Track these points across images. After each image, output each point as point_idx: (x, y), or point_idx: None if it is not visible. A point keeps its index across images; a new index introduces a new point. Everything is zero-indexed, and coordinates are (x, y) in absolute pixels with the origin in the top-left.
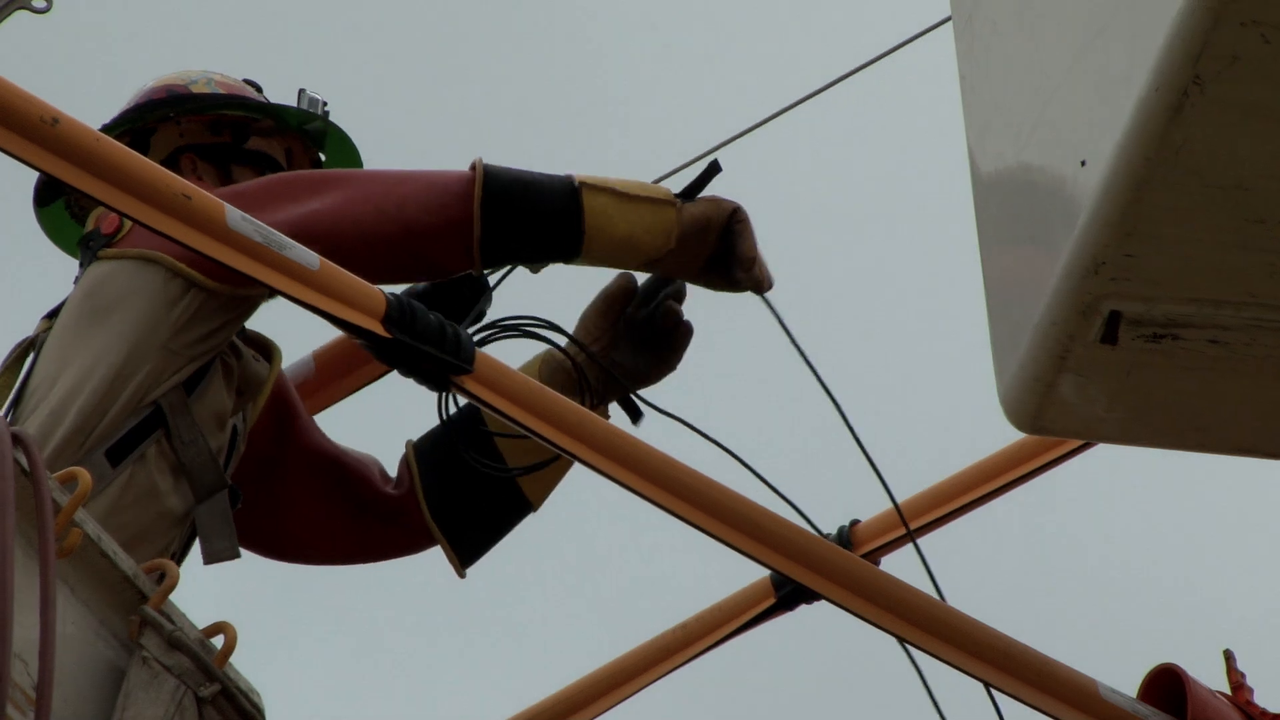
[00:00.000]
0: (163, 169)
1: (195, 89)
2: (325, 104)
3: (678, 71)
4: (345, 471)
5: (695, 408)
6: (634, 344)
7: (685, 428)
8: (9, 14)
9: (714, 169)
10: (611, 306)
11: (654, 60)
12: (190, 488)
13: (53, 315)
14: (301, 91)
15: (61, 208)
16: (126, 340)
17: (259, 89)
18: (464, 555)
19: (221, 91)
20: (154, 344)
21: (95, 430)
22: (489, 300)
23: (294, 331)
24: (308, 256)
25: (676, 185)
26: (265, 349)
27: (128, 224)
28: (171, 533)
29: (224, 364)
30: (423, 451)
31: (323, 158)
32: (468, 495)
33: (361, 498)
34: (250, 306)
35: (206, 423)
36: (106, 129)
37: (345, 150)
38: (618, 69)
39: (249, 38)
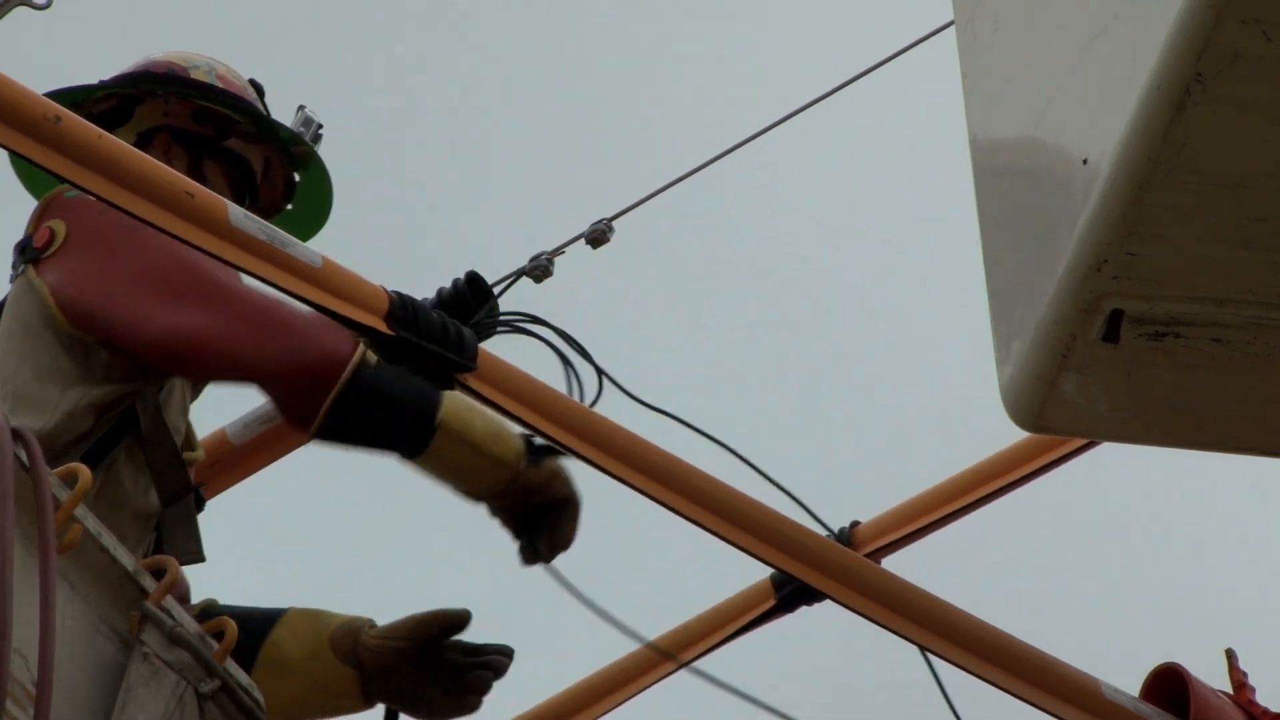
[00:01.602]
0: (164, 166)
1: (194, 74)
2: (320, 125)
3: (681, 79)
4: None
5: (696, 408)
6: (436, 680)
7: (685, 427)
8: (9, 10)
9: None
10: (427, 630)
11: (656, 67)
12: (156, 490)
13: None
14: (300, 108)
15: None
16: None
17: (261, 92)
18: None
19: (219, 85)
20: (60, 372)
21: (60, 441)
22: (496, 307)
23: None
24: (310, 254)
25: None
26: None
27: (57, 241)
28: (141, 535)
29: None
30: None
31: (297, 177)
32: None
33: None
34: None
35: (173, 420)
36: (102, 84)
37: (321, 180)
38: (621, 74)
39: (249, 39)
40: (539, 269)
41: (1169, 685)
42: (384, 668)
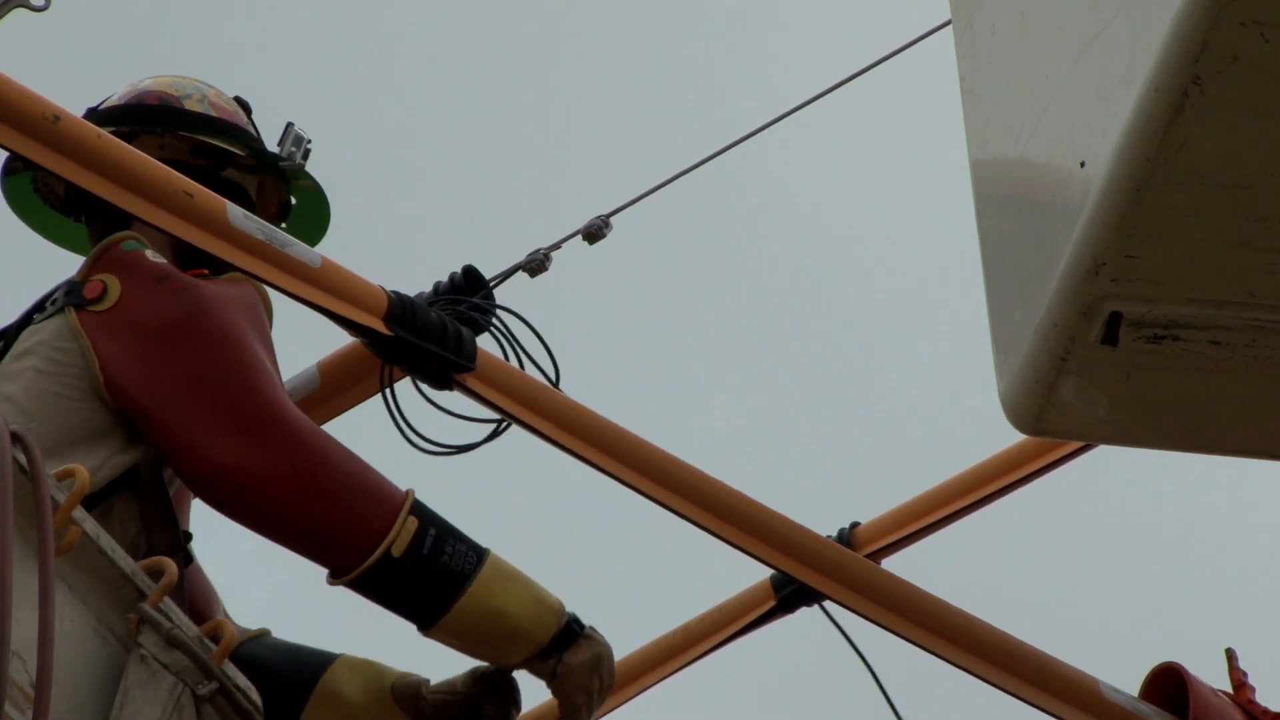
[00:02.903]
0: (164, 166)
1: (188, 105)
2: (309, 141)
3: (677, 77)
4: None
5: (694, 404)
6: None
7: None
8: (7, 12)
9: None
10: (481, 684)
11: (655, 63)
12: (147, 541)
13: (25, 321)
14: (289, 126)
15: (27, 180)
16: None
17: (249, 110)
18: None
19: (214, 114)
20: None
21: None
22: (492, 299)
23: (296, 330)
24: (310, 254)
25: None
26: None
27: (108, 299)
28: None
29: None
30: (261, 648)
31: (293, 201)
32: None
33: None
34: None
35: (170, 475)
36: (95, 119)
37: (316, 200)
38: (620, 70)
39: (247, 38)
40: (535, 264)
41: (1168, 685)
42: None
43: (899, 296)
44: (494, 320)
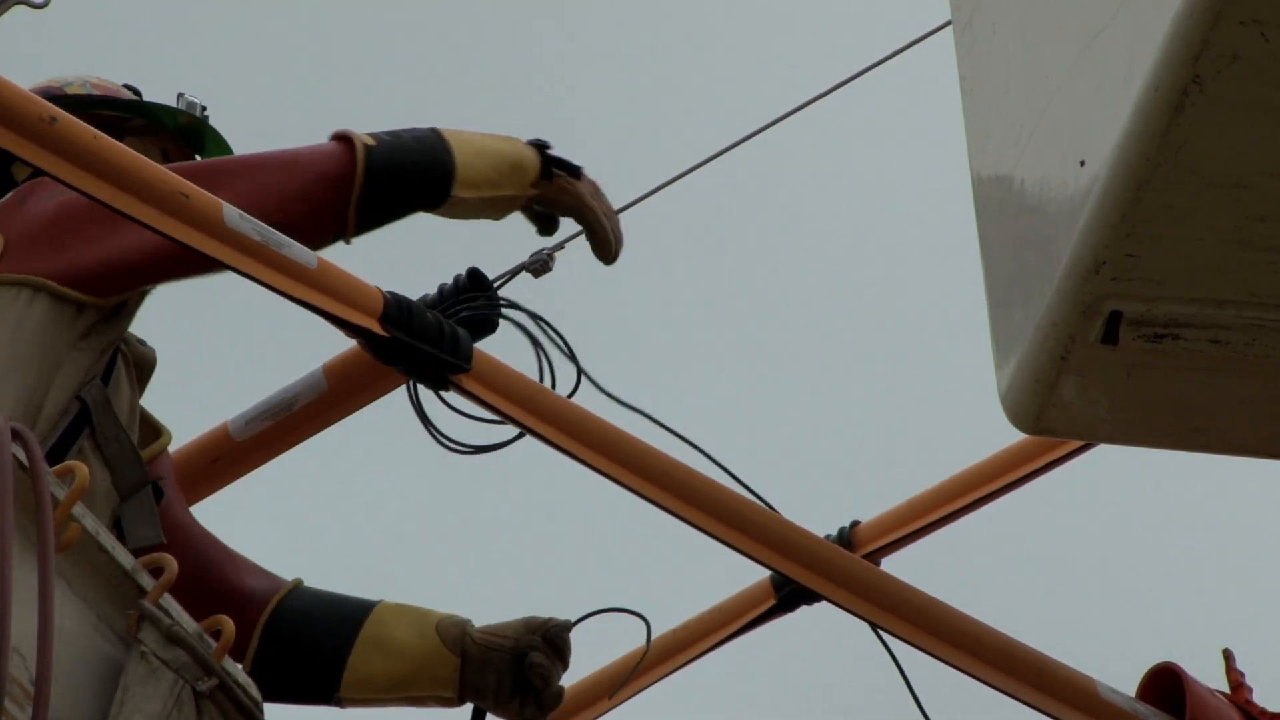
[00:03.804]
0: (160, 167)
1: (70, 90)
2: (204, 107)
3: (676, 78)
4: (207, 555)
5: (695, 405)
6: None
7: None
8: (7, 8)
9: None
10: (532, 633)
11: (652, 66)
12: (115, 484)
13: None
14: (180, 95)
15: None
16: (31, 362)
17: (138, 94)
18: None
19: (97, 93)
20: (59, 357)
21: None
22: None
23: (294, 329)
24: (305, 255)
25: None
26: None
27: None
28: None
29: (121, 353)
30: (300, 598)
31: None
32: (295, 659)
33: (208, 588)
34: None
35: (124, 415)
36: None
37: (221, 151)
38: (616, 74)
39: (248, 36)
40: (539, 264)
41: (1166, 685)
42: (485, 661)
43: (899, 296)
44: (516, 313)
